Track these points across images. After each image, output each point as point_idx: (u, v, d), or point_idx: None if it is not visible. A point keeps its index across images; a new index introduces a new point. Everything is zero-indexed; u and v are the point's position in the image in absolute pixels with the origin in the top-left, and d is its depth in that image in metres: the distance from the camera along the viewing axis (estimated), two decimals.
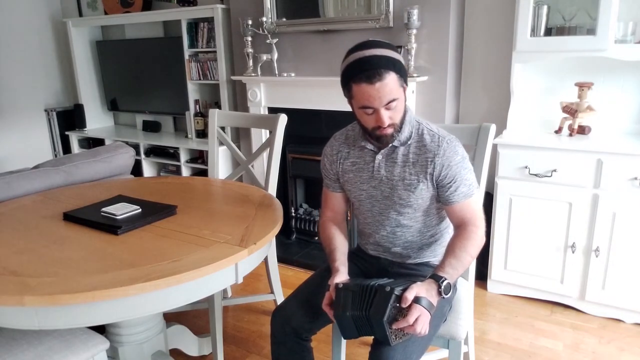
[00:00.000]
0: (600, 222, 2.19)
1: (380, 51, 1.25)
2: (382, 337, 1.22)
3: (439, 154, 1.35)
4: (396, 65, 1.25)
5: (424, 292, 1.22)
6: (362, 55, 1.25)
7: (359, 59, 1.25)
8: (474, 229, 1.36)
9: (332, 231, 1.52)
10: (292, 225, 3.27)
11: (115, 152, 2.31)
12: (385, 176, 1.42)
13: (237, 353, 2.12)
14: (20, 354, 1.31)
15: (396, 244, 1.50)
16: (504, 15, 2.58)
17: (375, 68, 1.23)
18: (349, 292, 1.26)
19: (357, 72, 1.24)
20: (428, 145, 1.37)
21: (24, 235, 1.49)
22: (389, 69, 1.24)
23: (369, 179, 1.44)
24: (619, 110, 2.41)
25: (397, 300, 1.20)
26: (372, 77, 1.23)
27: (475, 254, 1.36)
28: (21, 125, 4.32)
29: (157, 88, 3.92)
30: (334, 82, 2.78)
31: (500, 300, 2.50)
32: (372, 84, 1.23)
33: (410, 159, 1.39)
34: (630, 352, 2.06)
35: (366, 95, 1.25)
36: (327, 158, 1.54)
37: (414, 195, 1.39)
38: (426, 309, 1.20)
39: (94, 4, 4.23)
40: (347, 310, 1.24)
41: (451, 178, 1.36)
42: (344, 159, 1.49)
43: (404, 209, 1.43)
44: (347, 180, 1.49)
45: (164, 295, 1.24)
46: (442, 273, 1.27)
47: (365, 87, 1.24)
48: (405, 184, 1.39)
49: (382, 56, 1.24)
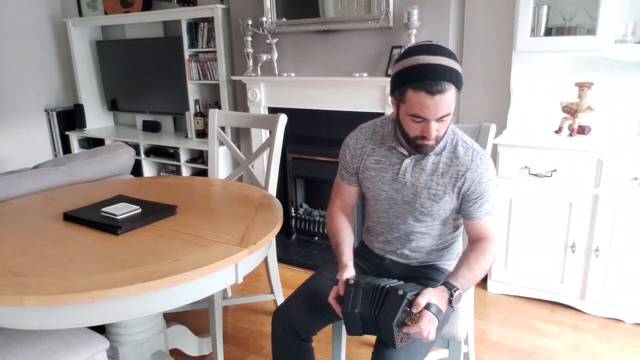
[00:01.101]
0: (600, 222, 2.19)
1: (446, 61, 1.18)
2: (389, 339, 1.22)
3: (472, 169, 1.32)
4: (457, 78, 1.20)
5: (435, 299, 1.20)
6: (427, 62, 1.17)
7: (422, 65, 1.17)
8: (490, 246, 1.35)
9: (341, 222, 1.50)
10: (292, 225, 3.27)
11: (115, 152, 2.31)
12: (410, 182, 1.38)
13: (237, 353, 2.12)
14: (20, 354, 1.31)
15: (406, 247, 1.48)
16: (504, 15, 2.58)
17: (438, 79, 1.16)
18: (360, 289, 1.25)
19: (419, 79, 1.17)
20: (461, 158, 1.34)
21: (24, 235, 1.48)
22: (451, 82, 1.18)
23: (392, 181, 1.41)
24: (619, 110, 2.41)
25: (408, 304, 1.20)
26: (432, 88, 1.16)
27: (487, 269, 1.34)
28: (21, 125, 4.32)
29: (157, 88, 3.92)
30: (334, 82, 2.78)
31: (500, 300, 2.50)
32: (432, 95, 1.17)
33: (440, 169, 1.35)
34: (630, 352, 2.06)
35: (421, 106, 1.19)
36: (348, 150, 1.48)
37: (437, 205, 1.37)
38: (435, 315, 1.19)
39: (94, 4, 4.23)
40: (356, 308, 1.23)
41: (478, 194, 1.33)
42: (368, 155, 1.44)
43: (424, 217, 1.40)
44: (367, 178, 1.45)
45: (164, 295, 1.24)
46: (455, 283, 1.25)
47: (424, 97, 1.18)
48: (431, 193, 1.36)
49: (446, 67, 1.17)
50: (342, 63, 2.82)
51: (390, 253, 1.52)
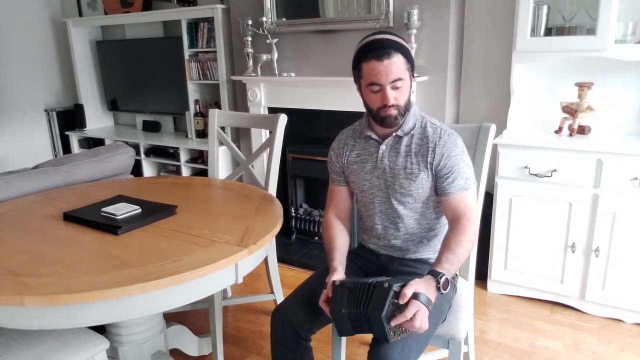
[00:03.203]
0: (600, 222, 2.19)
1: (390, 36, 1.36)
2: (381, 333, 1.22)
3: (440, 144, 1.41)
4: (404, 49, 1.36)
5: (422, 288, 1.23)
6: (373, 38, 1.36)
7: (370, 41, 1.36)
8: (467, 223, 1.38)
9: (335, 229, 1.55)
10: (292, 225, 3.27)
11: (115, 152, 2.31)
12: (388, 165, 1.47)
13: (237, 353, 2.12)
14: (20, 354, 1.31)
15: (396, 237, 1.52)
16: (504, 15, 2.58)
17: (385, 47, 1.33)
18: (345, 289, 1.27)
19: (368, 51, 1.34)
20: (430, 136, 1.43)
21: (24, 235, 1.49)
22: (397, 51, 1.34)
23: (372, 169, 1.49)
24: (619, 110, 2.41)
25: (395, 296, 1.21)
26: (381, 55, 1.32)
27: (471, 248, 1.38)
28: (21, 125, 4.32)
29: (157, 88, 3.92)
30: (334, 82, 2.78)
31: (500, 300, 2.50)
32: (381, 60, 1.32)
33: (413, 149, 1.44)
34: (630, 352, 2.06)
35: (374, 72, 1.34)
36: (333, 152, 1.59)
37: (414, 184, 1.44)
38: (424, 304, 1.21)
39: (94, 4, 4.23)
40: (342, 307, 1.25)
41: (449, 169, 1.40)
42: (350, 151, 1.54)
43: (405, 197, 1.46)
44: (352, 172, 1.54)
45: (164, 295, 1.24)
46: (439, 269, 1.29)
47: (374, 64, 1.33)
48: (407, 172, 1.44)
49: (392, 40, 1.35)
50: (342, 63, 2.83)
51: (384, 248, 1.56)
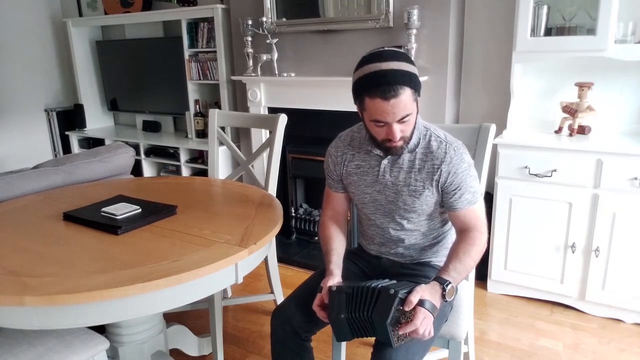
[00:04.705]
0: (600, 222, 2.19)
1: (397, 65, 1.21)
2: (385, 339, 1.22)
3: (446, 161, 1.35)
4: (412, 80, 1.23)
5: (427, 295, 1.22)
6: (378, 68, 1.21)
7: (375, 73, 1.21)
8: (477, 235, 1.37)
9: (331, 231, 1.53)
10: (292, 225, 3.27)
11: (115, 152, 2.31)
12: (391, 181, 1.41)
13: (237, 353, 2.12)
14: (20, 354, 1.31)
15: (399, 246, 1.51)
16: (504, 15, 2.58)
17: (391, 84, 1.19)
18: (343, 294, 1.27)
19: (372, 86, 1.21)
20: (435, 152, 1.37)
21: (24, 235, 1.48)
22: (405, 85, 1.21)
23: (373, 182, 1.44)
24: (619, 110, 2.41)
25: (400, 303, 1.20)
26: (386, 93, 1.20)
27: (478, 259, 1.36)
28: (21, 125, 4.32)
29: (157, 88, 3.92)
30: (334, 82, 2.78)
31: (500, 300, 2.50)
32: (387, 100, 1.21)
33: (417, 165, 1.38)
34: (630, 352, 2.06)
35: (379, 111, 1.23)
36: (331, 159, 1.53)
37: (418, 201, 1.40)
38: (429, 311, 1.20)
39: (94, 4, 4.23)
40: (341, 313, 1.25)
41: (456, 185, 1.36)
42: (349, 162, 1.48)
43: (408, 214, 1.43)
44: (351, 183, 1.49)
45: (164, 295, 1.24)
46: (446, 276, 1.27)
47: (380, 103, 1.22)
48: (411, 190, 1.39)
49: (398, 70, 1.20)
50: (342, 63, 2.82)
51: (385, 254, 1.55)
